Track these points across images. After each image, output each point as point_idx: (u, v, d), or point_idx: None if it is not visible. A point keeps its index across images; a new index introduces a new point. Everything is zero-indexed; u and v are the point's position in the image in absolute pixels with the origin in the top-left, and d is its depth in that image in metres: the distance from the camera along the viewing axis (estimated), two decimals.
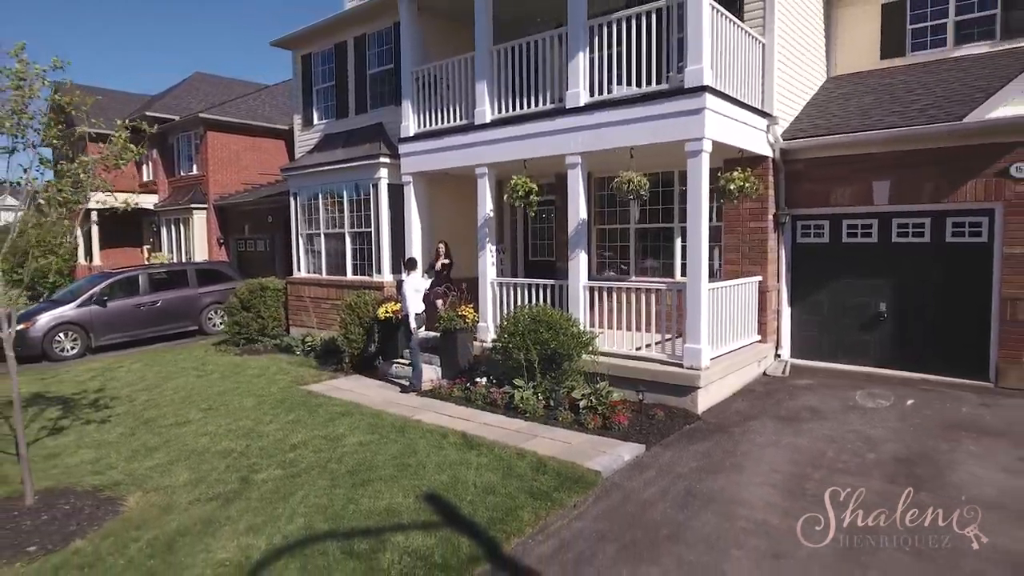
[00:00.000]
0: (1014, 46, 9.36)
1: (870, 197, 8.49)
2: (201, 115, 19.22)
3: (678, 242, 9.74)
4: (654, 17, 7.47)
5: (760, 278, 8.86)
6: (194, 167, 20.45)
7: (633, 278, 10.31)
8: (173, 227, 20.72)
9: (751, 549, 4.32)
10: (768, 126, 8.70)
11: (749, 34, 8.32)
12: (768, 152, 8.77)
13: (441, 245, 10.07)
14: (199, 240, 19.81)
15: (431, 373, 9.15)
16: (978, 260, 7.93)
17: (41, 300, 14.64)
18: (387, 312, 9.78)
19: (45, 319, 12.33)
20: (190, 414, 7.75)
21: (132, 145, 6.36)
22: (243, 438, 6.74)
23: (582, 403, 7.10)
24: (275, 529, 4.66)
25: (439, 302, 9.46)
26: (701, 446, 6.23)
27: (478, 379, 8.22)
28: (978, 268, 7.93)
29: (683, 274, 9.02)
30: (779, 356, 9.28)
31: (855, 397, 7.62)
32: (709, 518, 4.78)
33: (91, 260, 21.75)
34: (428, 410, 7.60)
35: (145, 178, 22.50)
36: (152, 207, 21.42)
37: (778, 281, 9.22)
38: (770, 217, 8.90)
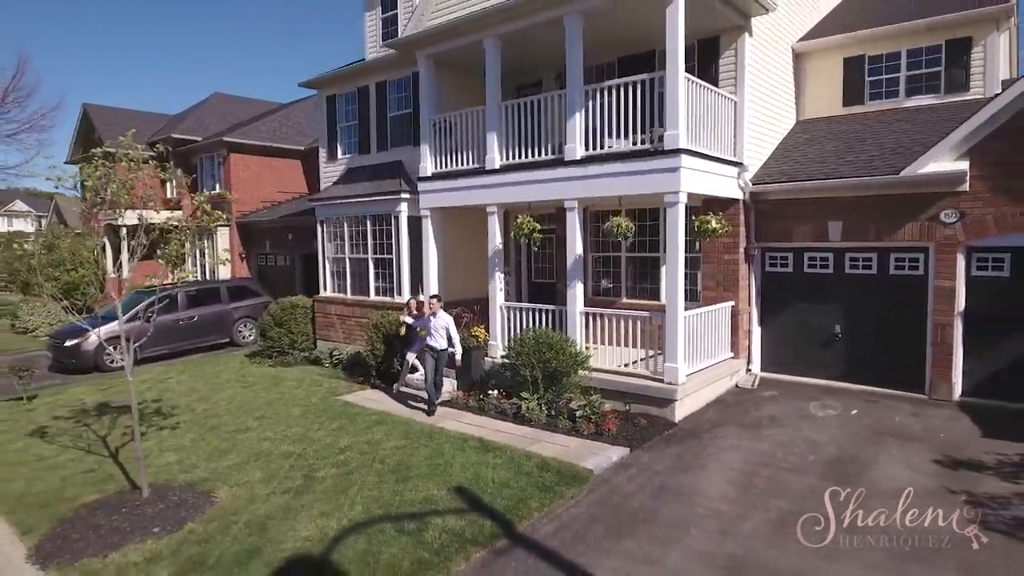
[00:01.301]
0: (955, 99, 10.80)
1: (826, 234, 9.89)
2: (225, 139, 20.62)
3: (663, 269, 11.12)
4: (639, 86, 8.84)
5: (733, 303, 10.26)
6: (217, 187, 21.83)
7: (624, 299, 11.71)
8: (198, 242, 22.08)
9: (705, 528, 5.71)
10: (739, 173, 10.10)
11: (722, 95, 9.72)
12: (739, 195, 10.17)
13: (413, 301, 10.61)
14: (222, 255, 21.16)
15: (448, 384, 10.55)
16: (916, 290, 9.34)
17: (89, 316, 15.97)
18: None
19: (97, 335, 13.69)
20: (247, 422, 9.14)
21: (214, 211, 7.72)
22: (298, 443, 8.13)
23: (578, 412, 8.49)
24: (341, 514, 6.05)
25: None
26: (675, 449, 7.63)
27: (490, 391, 9.61)
28: (916, 297, 9.33)
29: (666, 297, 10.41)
30: (750, 370, 10.69)
31: (810, 407, 9.02)
32: (676, 506, 6.18)
33: (120, 274, 23.11)
34: (449, 419, 9.00)
35: (168, 195, 23.86)
36: (177, 223, 22.75)
37: (749, 304, 10.63)
38: (741, 250, 10.30)
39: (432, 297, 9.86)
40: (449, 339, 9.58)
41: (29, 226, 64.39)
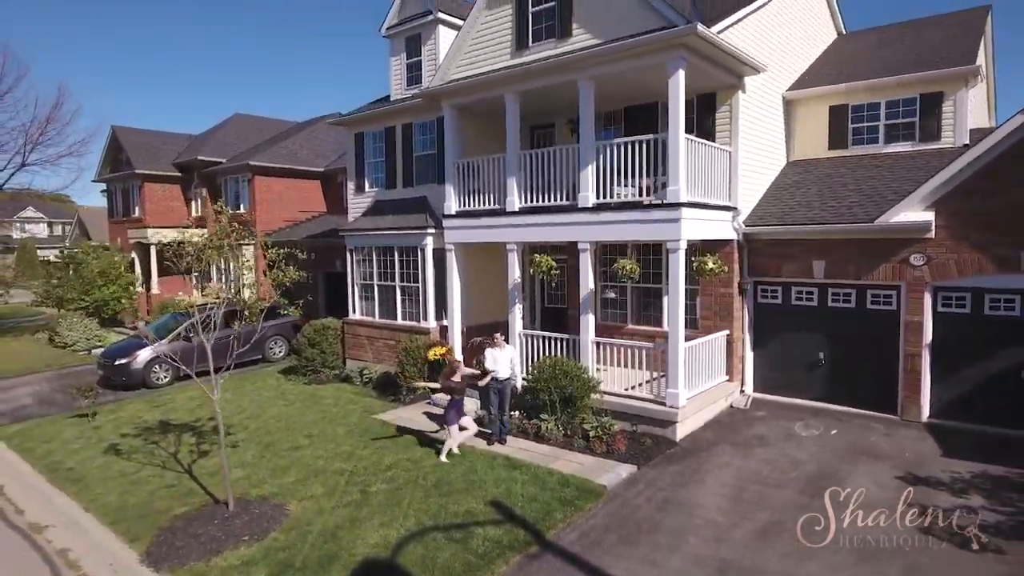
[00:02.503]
0: (928, 147, 12.02)
1: (811, 272, 11.10)
2: (250, 163, 21.83)
3: (665, 299, 12.30)
4: (644, 144, 10.04)
5: (728, 331, 11.47)
6: (242, 206, 23.03)
7: (630, 325, 12.92)
8: (223, 260, 23.27)
9: (701, 536, 6.91)
10: (734, 216, 11.31)
11: (718, 149, 10.93)
12: (734, 236, 11.37)
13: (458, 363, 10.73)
14: (247, 272, 22.36)
15: (472, 405, 11.73)
16: (889, 323, 10.54)
17: (133, 335, 17.14)
18: (435, 355, 12.40)
19: (145, 354, 14.91)
20: (299, 440, 10.34)
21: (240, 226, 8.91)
22: (348, 460, 9.33)
23: (591, 433, 9.69)
24: (398, 524, 7.25)
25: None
26: (677, 466, 8.83)
27: (512, 412, 10.80)
28: (890, 329, 10.54)
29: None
30: (743, 391, 11.90)
31: (795, 427, 10.23)
32: (678, 517, 7.38)
33: (149, 290, 24.34)
34: (479, 439, 10.18)
35: (194, 213, 25.08)
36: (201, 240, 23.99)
37: (743, 332, 11.83)
38: (735, 284, 11.52)
39: (497, 335, 10.62)
40: (512, 375, 10.25)
41: (43, 231, 65.63)
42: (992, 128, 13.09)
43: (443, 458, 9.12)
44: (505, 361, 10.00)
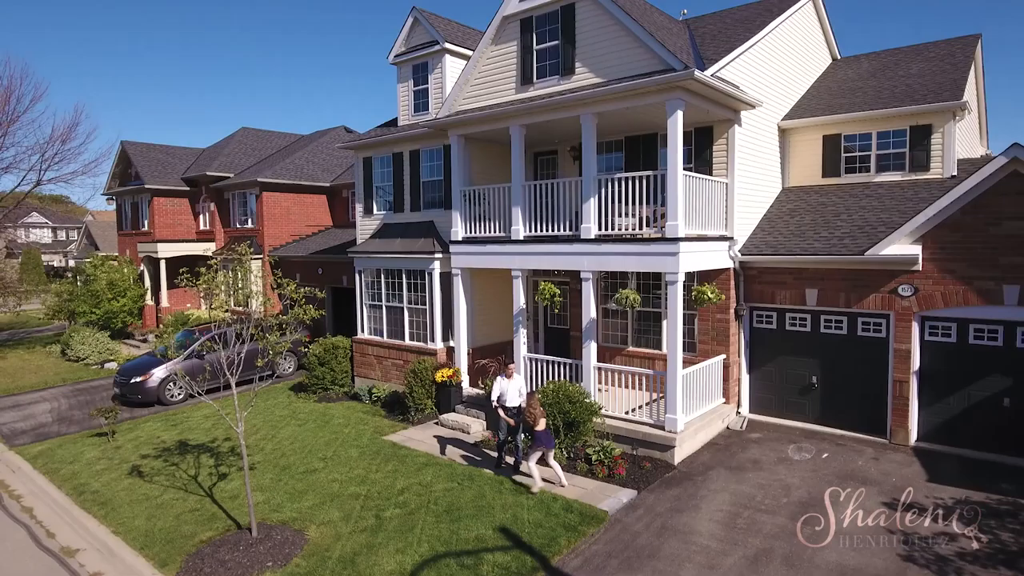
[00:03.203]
0: (918, 177, 12.47)
1: (804, 299, 11.56)
2: (259, 179, 22.27)
3: (664, 323, 12.76)
4: (644, 179, 10.51)
5: (724, 355, 11.93)
6: (249, 221, 23.50)
7: (630, 347, 13.37)
8: (230, 273, 23.74)
9: (696, 562, 7.37)
10: (730, 245, 11.77)
11: (715, 182, 11.39)
12: (730, 264, 11.83)
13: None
14: (255, 287, 22.83)
15: (478, 426, 12.22)
16: (879, 350, 11.00)
17: (149, 353, 17.57)
18: (443, 376, 12.87)
19: (160, 372, 15.38)
20: (313, 463, 10.80)
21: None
22: (362, 484, 9.79)
23: (593, 457, 10.15)
24: (412, 551, 7.70)
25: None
26: (674, 491, 9.29)
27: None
28: (879, 356, 11.00)
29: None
30: (739, 413, 12.36)
31: (788, 451, 10.69)
32: (674, 543, 7.84)
33: (159, 303, 24.79)
34: (484, 461, 10.64)
35: (202, 227, 25.53)
36: (210, 254, 24.49)
37: (739, 356, 12.29)
38: (732, 310, 11.97)
39: (509, 363, 10.97)
40: (521, 405, 10.38)
41: (47, 236, 66.09)
42: (981, 158, 13.61)
43: (535, 490, 9.29)
44: (514, 391, 10.38)
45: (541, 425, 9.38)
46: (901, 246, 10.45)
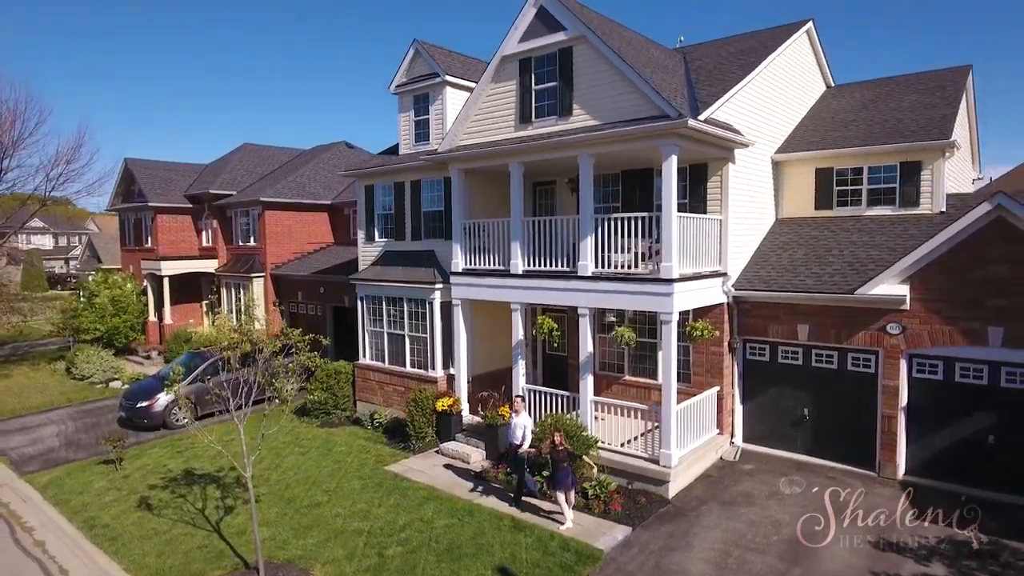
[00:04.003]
0: (907, 212, 12.76)
1: (796, 334, 11.85)
2: (261, 199, 22.54)
3: (659, 354, 13.03)
4: (640, 221, 10.80)
5: (718, 387, 12.22)
6: (252, 239, 23.76)
7: (627, 376, 13.66)
8: (233, 290, 24.06)
9: None
10: (724, 281, 12.06)
11: (709, 219, 11.68)
12: (724, 299, 12.12)
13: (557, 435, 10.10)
14: (257, 303, 23.13)
15: (478, 456, 12.50)
16: (869, 385, 11.30)
17: (154, 376, 17.82)
18: (443, 406, 13.16)
19: (165, 397, 15.64)
20: (317, 496, 11.07)
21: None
22: (365, 519, 10.07)
23: (590, 492, 10.43)
24: None
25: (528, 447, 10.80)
26: (668, 528, 9.58)
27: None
28: (869, 390, 11.29)
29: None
30: (733, 443, 12.65)
31: (779, 484, 10.97)
32: None
33: (162, 319, 25.05)
34: (484, 494, 10.92)
35: (204, 243, 25.80)
36: (213, 271, 24.79)
37: (732, 388, 12.58)
38: (725, 343, 12.27)
39: (517, 397, 11.20)
40: (523, 439, 10.59)
41: (48, 243, 66.32)
42: (970, 195, 13.88)
43: (569, 524, 9.54)
44: (519, 429, 10.65)
45: (564, 464, 9.67)
46: (890, 286, 10.74)
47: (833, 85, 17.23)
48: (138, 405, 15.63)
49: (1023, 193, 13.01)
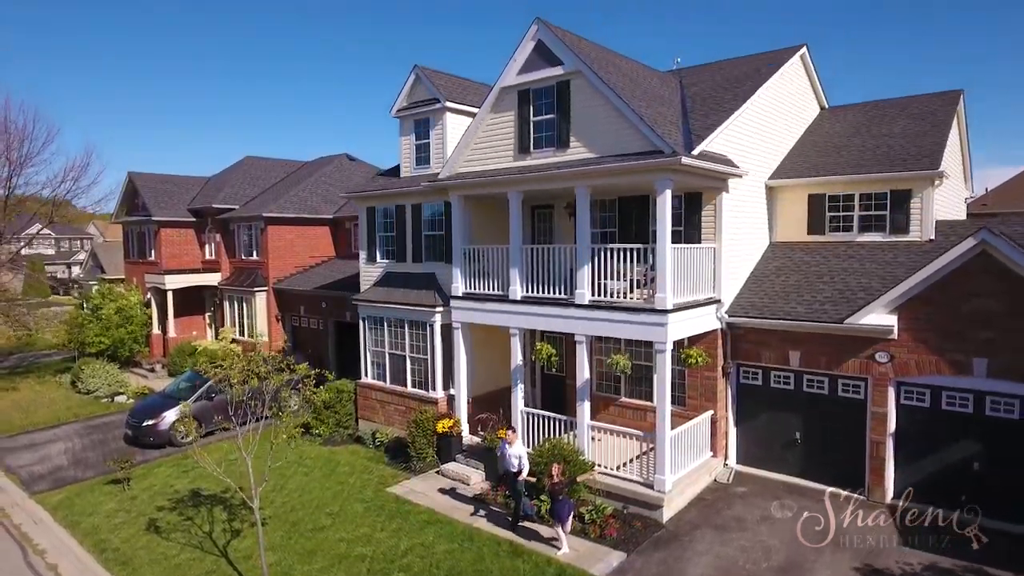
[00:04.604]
0: (897, 239, 13.06)
1: (788, 360, 12.15)
2: (264, 214, 22.85)
3: (655, 376, 13.34)
4: (635, 252, 11.10)
5: (712, 411, 12.52)
6: (254, 253, 24.06)
7: (623, 398, 13.96)
8: (236, 304, 24.36)
9: None
10: (717, 308, 12.36)
11: (703, 248, 11.98)
12: (717, 326, 12.42)
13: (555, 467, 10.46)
14: (260, 317, 23.45)
15: (477, 477, 12.80)
16: (858, 411, 11.60)
17: (159, 393, 18.11)
18: (444, 428, 13.46)
19: (171, 415, 15.95)
20: (321, 519, 11.37)
21: None
22: (367, 544, 10.37)
23: (586, 516, 10.74)
24: None
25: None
26: (661, 554, 9.87)
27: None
28: (858, 416, 11.59)
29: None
30: (727, 464, 12.95)
31: (771, 508, 11.27)
32: None
33: (165, 332, 25.35)
34: (483, 518, 11.22)
35: (207, 256, 26.10)
36: (216, 284, 25.09)
37: (726, 411, 12.89)
38: (719, 368, 12.57)
39: (510, 430, 11.46)
40: (519, 468, 10.84)
41: (49, 248, 66.63)
42: (959, 222, 14.17)
43: (566, 549, 9.85)
44: (514, 458, 10.92)
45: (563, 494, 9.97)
46: (878, 316, 11.03)
47: (827, 107, 17.53)
48: (144, 423, 15.92)
49: (1011, 218, 13.37)
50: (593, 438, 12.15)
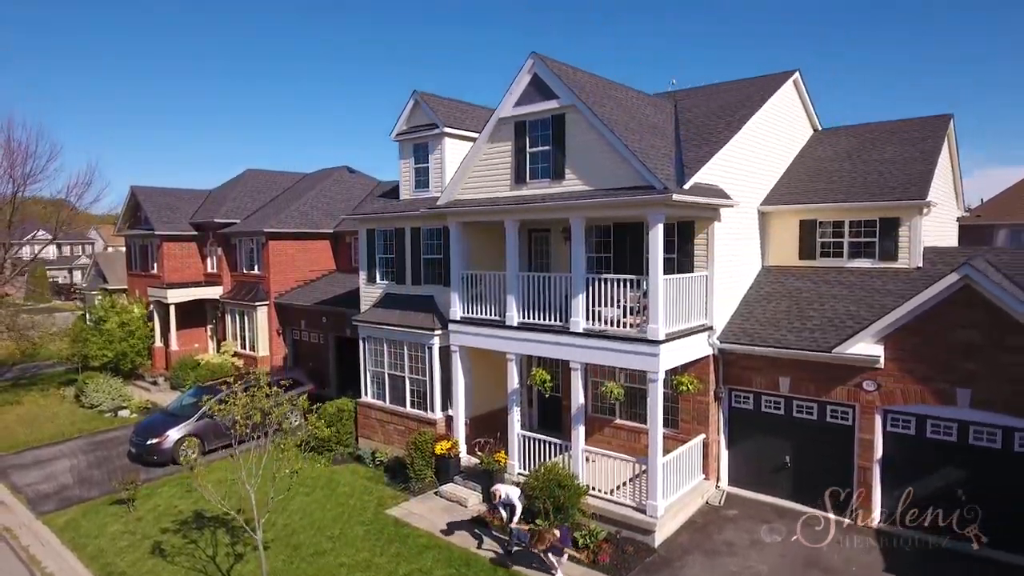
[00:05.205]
0: (886, 266, 13.35)
1: (778, 386, 12.43)
2: (265, 230, 23.12)
3: (648, 403, 13.60)
4: (629, 283, 11.38)
5: (704, 435, 12.81)
6: (255, 267, 24.34)
7: (617, 419, 14.25)
8: (237, 317, 24.64)
9: None
10: (709, 334, 12.64)
11: (696, 277, 12.26)
12: (709, 352, 12.71)
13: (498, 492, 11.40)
14: (261, 331, 23.74)
15: (475, 500, 13.09)
16: (846, 437, 11.88)
17: (163, 412, 18.37)
18: (442, 449, 13.75)
19: (174, 434, 16.24)
20: (322, 543, 11.66)
21: None
22: (367, 570, 10.65)
23: (580, 541, 11.01)
24: None
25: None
26: None
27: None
28: (846, 442, 11.87)
29: None
30: (719, 487, 13.24)
31: (760, 532, 11.55)
32: None
33: (168, 345, 25.62)
34: (480, 542, 11.50)
35: (209, 269, 26.38)
36: (217, 298, 25.37)
37: (718, 434, 13.17)
38: (711, 392, 12.85)
39: (492, 499, 11.48)
40: (512, 512, 11.12)
41: (51, 252, 66.87)
42: (946, 249, 14.43)
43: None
44: (506, 507, 11.18)
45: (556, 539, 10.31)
46: (866, 345, 11.31)
47: (820, 129, 17.81)
48: (148, 442, 16.20)
49: (1003, 229, 13.65)
50: (588, 458, 12.46)
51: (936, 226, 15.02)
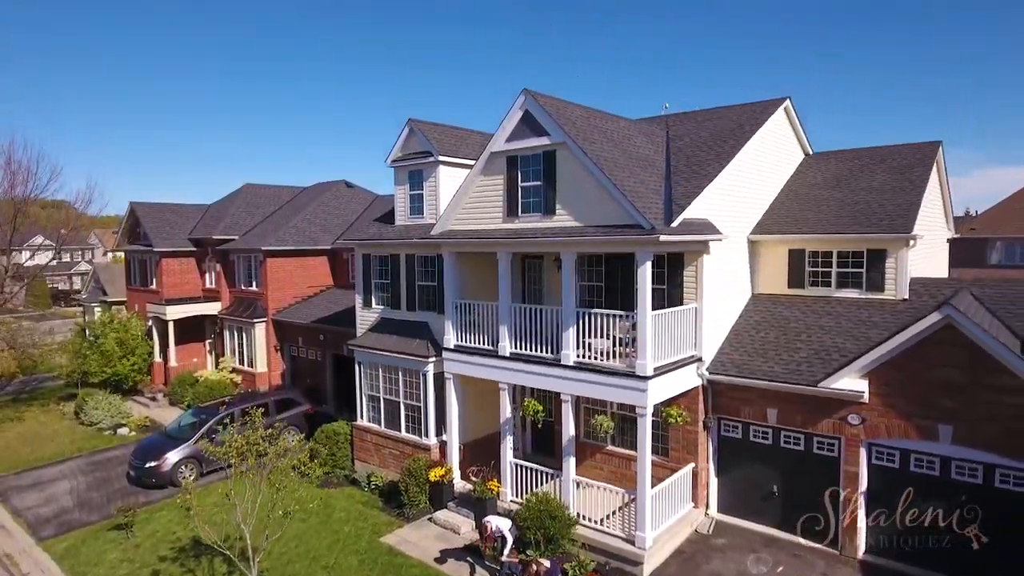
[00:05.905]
0: (873, 297, 13.56)
1: (766, 416, 12.64)
2: (263, 248, 23.34)
3: (638, 435, 13.80)
4: (618, 317, 11.59)
5: (693, 464, 13.02)
6: (253, 283, 24.56)
7: (609, 447, 14.45)
8: (236, 333, 24.86)
9: None
10: (698, 366, 12.84)
11: (685, 311, 12.46)
12: (698, 382, 12.91)
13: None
14: (259, 347, 23.95)
15: (467, 527, 13.30)
16: (832, 468, 12.08)
17: (161, 433, 18.58)
18: (436, 476, 13.96)
19: (173, 456, 16.45)
20: (317, 573, 11.86)
21: None
22: None
23: (570, 572, 11.22)
24: None
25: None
26: None
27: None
28: (832, 473, 12.07)
29: None
30: (708, 514, 13.44)
31: (747, 562, 11.76)
32: None
33: (167, 360, 25.83)
34: (472, 571, 11.71)
35: (208, 285, 26.59)
36: (216, 313, 25.58)
37: (707, 463, 13.37)
38: (700, 422, 13.06)
39: (487, 535, 11.74)
40: (503, 543, 11.46)
41: (50, 258, 67.08)
42: (931, 280, 14.60)
43: None
44: (497, 527, 11.45)
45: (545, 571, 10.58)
46: (851, 380, 11.51)
47: (812, 153, 18.01)
48: (147, 465, 16.41)
49: (998, 241, 13.84)
50: (579, 484, 12.68)
51: (926, 252, 15.23)
